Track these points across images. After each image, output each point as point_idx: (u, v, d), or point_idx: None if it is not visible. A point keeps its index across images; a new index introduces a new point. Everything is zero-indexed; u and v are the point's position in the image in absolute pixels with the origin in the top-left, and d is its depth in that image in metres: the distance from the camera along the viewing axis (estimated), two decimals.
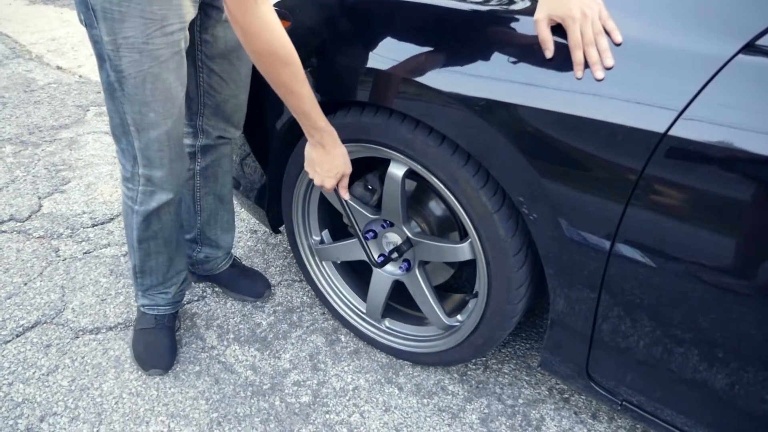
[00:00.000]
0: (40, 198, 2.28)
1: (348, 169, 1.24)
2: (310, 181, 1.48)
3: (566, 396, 1.49)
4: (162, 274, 1.49)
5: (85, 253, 1.98)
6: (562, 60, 0.94)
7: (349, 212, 1.35)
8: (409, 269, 1.41)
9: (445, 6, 1.09)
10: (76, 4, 1.09)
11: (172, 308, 1.57)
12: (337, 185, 1.29)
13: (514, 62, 0.99)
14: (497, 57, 1.01)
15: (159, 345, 1.51)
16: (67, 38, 4.41)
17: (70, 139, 2.79)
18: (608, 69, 0.90)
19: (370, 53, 1.15)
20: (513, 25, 1.01)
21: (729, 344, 0.91)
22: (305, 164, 1.27)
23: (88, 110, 3.13)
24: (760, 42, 0.82)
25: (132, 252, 1.45)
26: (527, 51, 0.98)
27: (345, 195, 1.31)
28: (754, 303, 0.86)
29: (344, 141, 1.29)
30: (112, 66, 1.10)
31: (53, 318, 1.69)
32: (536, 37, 0.95)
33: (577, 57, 0.91)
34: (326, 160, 1.20)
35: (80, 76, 3.65)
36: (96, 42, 1.10)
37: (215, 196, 1.61)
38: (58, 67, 3.79)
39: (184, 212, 1.60)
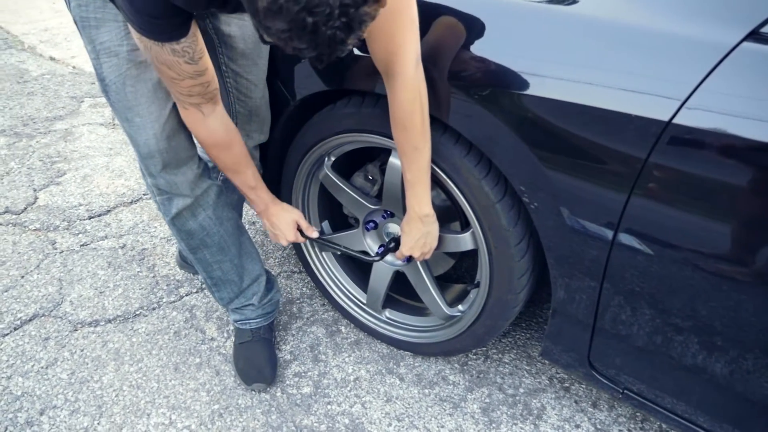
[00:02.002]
0: (35, 190, 2.26)
1: (299, 213, 1.38)
2: (310, 171, 1.47)
3: (566, 385, 1.50)
4: (235, 284, 1.44)
5: (83, 245, 1.97)
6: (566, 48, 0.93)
7: (332, 248, 1.47)
8: (410, 260, 1.41)
9: None
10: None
11: (265, 320, 1.53)
12: (301, 231, 1.39)
13: (518, 51, 0.98)
14: (500, 45, 1.00)
15: (258, 359, 1.47)
16: (60, 28, 4.36)
17: (65, 130, 2.77)
18: None
19: None
20: (516, 12, 1.00)
21: (728, 332, 0.91)
22: (267, 231, 1.42)
23: (82, 101, 3.10)
24: (765, 29, 0.81)
25: (197, 268, 1.41)
26: (531, 39, 0.97)
27: (313, 234, 1.40)
28: (755, 291, 0.86)
29: (344, 131, 1.28)
30: (98, 75, 1.08)
31: (51, 311, 1.68)
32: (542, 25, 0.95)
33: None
34: (276, 217, 1.35)
35: (74, 67, 3.61)
36: (88, 54, 1.08)
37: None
38: (52, 58, 3.75)
39: None
